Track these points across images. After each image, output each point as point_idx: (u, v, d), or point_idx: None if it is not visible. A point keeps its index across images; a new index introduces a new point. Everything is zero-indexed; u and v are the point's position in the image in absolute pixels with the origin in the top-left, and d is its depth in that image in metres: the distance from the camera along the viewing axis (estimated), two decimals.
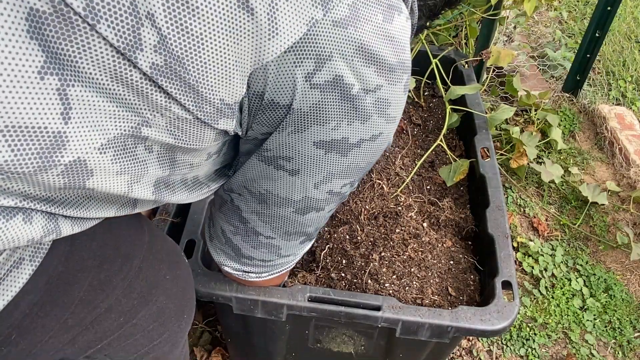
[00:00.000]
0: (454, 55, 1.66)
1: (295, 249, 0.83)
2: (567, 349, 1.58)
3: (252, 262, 0.84)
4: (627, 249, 1.78)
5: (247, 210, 0.74)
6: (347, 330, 1.10)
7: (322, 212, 0.75)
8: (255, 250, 0.81)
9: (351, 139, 0.64)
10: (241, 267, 0.86)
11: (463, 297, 1.15)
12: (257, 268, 0.86)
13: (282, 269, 0.89)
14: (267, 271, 0.88)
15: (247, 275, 0.88)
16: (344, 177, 0.70)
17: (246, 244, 0.80)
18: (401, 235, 1.19)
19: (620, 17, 2.73)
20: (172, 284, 0.74)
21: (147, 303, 0.69)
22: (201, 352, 1.47)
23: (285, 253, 0.82)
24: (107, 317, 0.64)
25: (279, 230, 0.76)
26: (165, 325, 0.73)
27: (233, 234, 0.79)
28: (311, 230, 0.79)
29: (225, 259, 0.86)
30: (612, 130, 2.14)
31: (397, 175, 1.37)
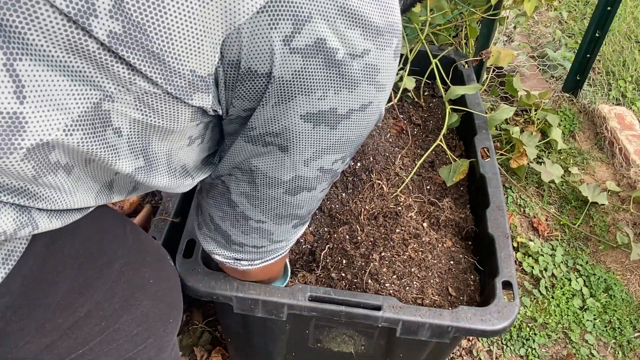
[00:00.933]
0: (454, 55, 1.66)
1: (287, 234, 0.79)
2: (567, 349, 1.58)
3: (243, 249, 0.79)
4: (627, 249, 1.78)
5: (236, 192, 0.70)
6: (348, 330, 1.10)
7: (313, 193, 0.71)
8: (245, 236, 0.76)
9: (340, 110, 0.60)
10: (232, 255, 0.81)
11: (463, 297, 1.15)
12: (248, 255, 0.81)
13: (275, 255, 0.85)
14: (260, 258, 0.83)
15: (239, 263, 0.83)
16: (335, 152, 0.65)
17: (236, 230, 0.75)
18: (401, 235, 1.19)
19: (620, 17, 2.73)
20: (157, 288, 0.71)
21: (129, 307, 0.66)
22: (201, 352, 1.47)
23: (278, 238, 0.78)
24: (88, 321, 0.61)
25: (269, 213, 0.71)
26: (150, 330, 0.70)
27: (222, 219, 0.75)
28: (303, 212, 0.75)
29: (215, 247, 0.81)
30: (612, 130, 2.14)
31: (397, 175, 1.37)
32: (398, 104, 1.58)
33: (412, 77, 1.58)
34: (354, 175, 1.32)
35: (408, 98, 1.62)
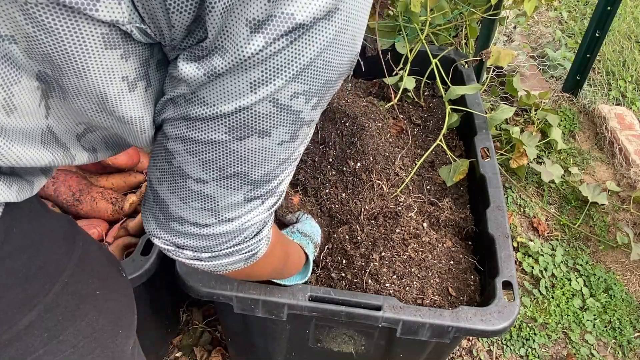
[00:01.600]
0: (454, 55, 1.66)
1: (238, 209, 0.60)
2: (567, 349, 1.58)
3: (183, 228, 0.62)
4: (627, 249, 1.78)
5: (172, 136, 0.55)
6: (348, 330, 1.10)
7: (267, 142, 0.54)
8: (185, 205, 0.60)
9: (298, 15, 0.46)
10: (172, 238, 0.64)
11: (463, 297, 1.15)
12: (191, 240, 0.63)
13: (229, 250, 0.65)
14: (207, 248, 0.64)
15: (182, 253, 0.65)
16: (293, 79, 0.50)
17: (174, 197, 0.60)
18: (401, 235, 1.19)
19: (620, 17, 2.73)
20: (104, 299, 0.68)
21: (74, 319, 0.63)
22: (201, 352, 1.47)
23: (226, 213, 0.60)
24: (30, 333, 0.59)
25: (210, 166, 0.55)
26: (97, 341, 0.67)
27: (159, 181, 0.60)
28: (256, 175, 0.57)
29: (154, 226, 0.64)
30: (612, 130, 2.14)
31: (397, 175, 1.37)
32: (398, 104, 1.58)
33: (412, 77, 1.58)
34: (354, 175, 1.32)
35: (408, 98, 1.62)
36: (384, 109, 1.53)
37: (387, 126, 1.47)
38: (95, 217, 1.24)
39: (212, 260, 0.67)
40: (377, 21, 1.55)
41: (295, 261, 0.99)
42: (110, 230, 1.23)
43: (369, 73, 1.66)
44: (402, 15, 1.62)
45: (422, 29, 1.58)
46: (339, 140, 1.36)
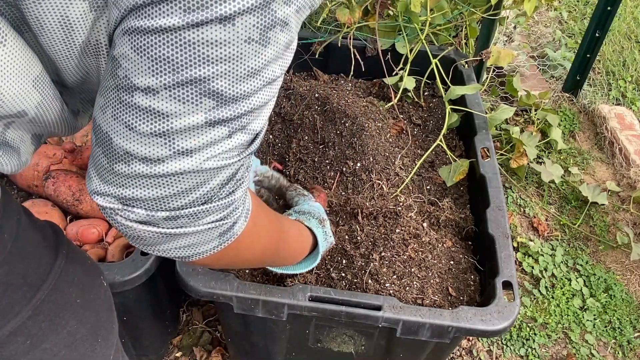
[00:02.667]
0: (454, 55, 1.66)
1: (198, 136, 0.48)
2: (567, 349, 1.58)
3: (130, 169, 0.49)
4: (627, 249, 1.78)
5: (120, 36, 0.47)
6: (348, 330, 1.10)
7: (230, 31, 0.44)
8: (130, 132, 0.48)
9: None
10: (117, 190, 0.51)
11: (463, 297, 1.15)
12: (142, 188, 0.50)
13: (192, 209, 0.53)
14: (163, 199, 0.51)
15: (131, 212, 0.52)
16: None
17: (118, 123, 0.48)
18: (401, 235, 1.19)
19: (620, 17, 2.73)
20: (84, 308, 0.67)
21: (56, 327, 0.63)
22: (201, 352, 1.47)
23: (182, 141, 0.48)
24: (13, 340, 0.59)
25: (161, 67, 0.45)
26: (77, 350, 0.66)
27: (103, 109, 0.50)
28: (219, 84, 0.47)
29: (97, 182, 0.52)
30: (612, 130, 2.14)
31: (397, 175, 1.37)
32: (398, 104, 1.58)
33: (412, 77, 1.58)
34: (353, 175, 1.32)
35: (408, 98, 1.62)
36: (384, 109, 1.53)
37: (387, 126, 1.47)
38: (95, 217, 1.24)
39: (173, 226, 0.53)
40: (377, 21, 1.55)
41: (298, 241, 0.86)
42: (110, 230, 1.23)
43: (369, 73, 1.66)
44: (402, 15, 1.62)
45: (422, 29, 1.58)
46: (339, 141, 1.36)
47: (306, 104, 1.44)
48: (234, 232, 0.59)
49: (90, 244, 1.21)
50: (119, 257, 1.17)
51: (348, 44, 1.61)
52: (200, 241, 0.57)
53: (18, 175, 1.33)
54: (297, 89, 1.48)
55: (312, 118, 1.42)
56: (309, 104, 1.44)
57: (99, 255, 1.18)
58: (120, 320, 1.17)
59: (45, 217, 1.21)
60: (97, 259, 1.16)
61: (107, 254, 1.18)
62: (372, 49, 1.63)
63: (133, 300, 1.14)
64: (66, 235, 1.22)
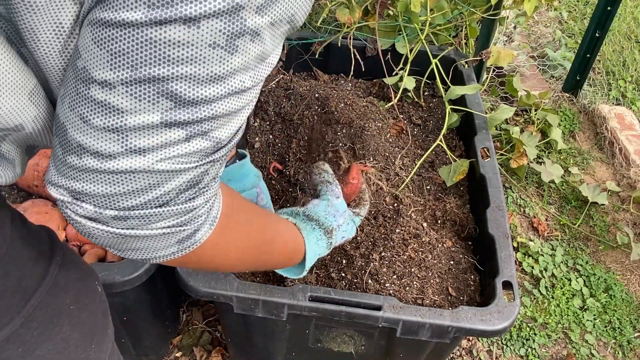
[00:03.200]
0: (454, 55, 1.66)
1: (153, 135, 0.47)
2: (567, 349, 1.58)
3: (82, 162, 0.48)
4: (627, 249, 1.78)
5: (84, 27, 0.46)
6: (348, 330, 1.10)
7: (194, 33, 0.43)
8: (84, 125, 0.47)
9: None
10: (68, 182, 0.50)
11: (463, 297, 1.15)
12: (91, 183, 0.49)
13: (144, 211, 0.51)
14: (112, 197, 0.50)
15: (80, 207, 0.50)
16: None
17: (73, 114, 0.47)
18: (401, 235, 1.19)
19: (620, 17, 2.73)
20: (78, 313, 0.66)
21: (49, 333, 0.62)
22: (201, 352, 1.47)
23: (135, 139, 0.47)
24: (5, 347, 0.58)
25: (119, 62, 0.44)
26: (70, 355, 0.66)
27: (62, 99, 0.49)
28: (179, 86, 0.45)
29: (52, 172, 0.51)
30: (612, 130, 2.14)
31: (397, 175, 1.37)
32: (398, 104, 1.58)
33: (412, 77, 1.58)
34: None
35: (408, 98, 1.62)
36: (384, 109, 1.53)
37: (387, 126, 1.47)
38: None
39: (122, 227, 0.51)
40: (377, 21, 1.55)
41: (284, 252, 0.81)
42: None
43: (369, 73, 1.66)
44: (402, 15, 1.62)
45: (422, 29, 1.58)
46: (339, 141, 1.36)
47: (306, 104, 1.45)
48: (195, 239, 0.57)
49: (90, 244, 1.21)
50: (119, 257, 1.17)
51: (348, 44, 1.61)
52: (157, 246, 0.55)
53: None
54: (297, 89, 1.48)
55: (312, 118, 1.42)
56: (309, 104, 1.44)
57: (99, 255, 1.18)
58: (120, 320, 1.18)
59: (45, 217, 1.21)
60: (97, 259, 1.16)
61: (107, 254, 1.18)
62: (372, 49, 1.63)
63: (133, 300, 1.14)
64: (67, 235, 1.22)
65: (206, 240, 0.58)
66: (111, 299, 1.09)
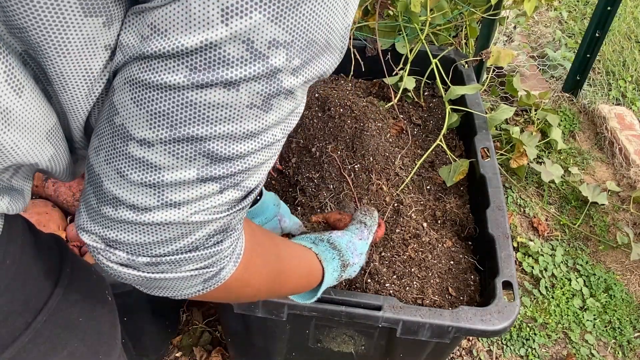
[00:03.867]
0: (454, 55, 1.66)
1: (188, 190, 0.48)
2: (567, 349, 1.58)
3: (117, 213, 0.49)
4: (627, 249, 1.78)
5: (121, 83, 0.46)
6: (348, 330, 1.10)
7: (233, 96, 0.44)
8: (121, 179, 0.48)
9: None
10: (102, 231, 0.51)
11: (463, 297, 1.15)
12: (126, 232, 0.50)
13: (174, 257, 0.52)
14: (145, 246, 0.51)
15: (113, 254, 0.51)
16: (273, 18, 0.42)
17: (109, 167, 0.48)
18: (401, 235, 1.19)
19: (620, 17, 2.73)
20: (86, 326, 0.66)
21: (55, 348, 0.62)
22: (201, 352, 1.47)
23: (171, 194, 0.48)
24: None
25: (159, 122, 0.44)
26: None
27: (97, 151, 0.49)
28: (216, 144, 0.46)
29: (84, 218, 0.52)
30: (612, 130, 2.14)
31: (397, 175, 1.37)
32: (398, 104, 1.58)
33: (412, 77, 1.58)
34: (354, 175, 1.32)
35: (408, 98, 1.62)
36: (384, 109, 1.53)
37: (387, 126, 1.47)
38: None
39: (154, 271, 0.53)
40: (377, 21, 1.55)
41: (300, 278, 0.82)
42: None
43: (369, 73, 1.66)
44: (402, 15, 1.62)
45: (422, 29, 1.58)
46: (339, 141, 1.36)
47: (306, 104, 1.45)
48: (220, 277, 0.58)
49: None
50: None
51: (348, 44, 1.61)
52: (183, 285, 0.56)
53: None
54: None
55: (312, 118, 1.42)
56: (309, 104, 1.44)
57: None
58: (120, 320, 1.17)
59: (46, 217, 1.21)
60: None
61: None
62: (372, 49, 1.63)
63: (133, 300, 1.14)
64: (67, 235, 1.22)
65: (231, 277, 0.59)
66: None
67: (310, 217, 1.17)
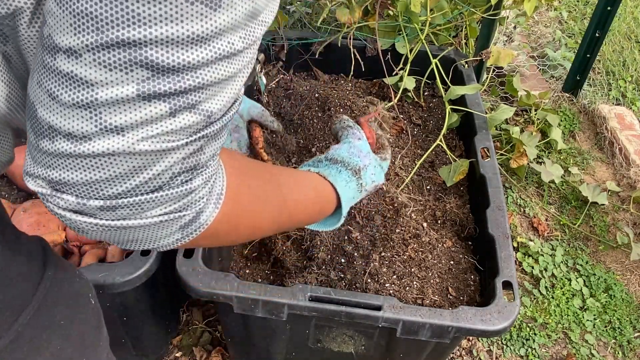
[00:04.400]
0: (454, 55, 1.66)
1: (130, 111, 0.41)
2: (567, 349, 1.58)
3: (55, 146, 0.42)
4: (627, 249, 1.78)
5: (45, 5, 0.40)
6: (348, 330, 1.10)
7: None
8: (53, 102, 0.41)
9: None
10: (45, 171, 0.44)
11: (463, 297, 1.15)
12: (69, 170, 0.43)
13: (132, 198, 0.45)
14: (93, 185, 0.44)
15: (61, 199, 0.44)
16: None
17: (41, 90, 0.42)
18: (401, 235, 1.19)
19: (620, 17, 2.73)
20: (69, 329, 0.64)
21: (38, 349, 0.60)
22: (201, 352, 1.47)
23: (109, 115, 0.40)
24: None
25: (84, 24, 0.38)
26: None
27: (32, 74, 0.43)
28: (155, 51, 0.39)
29: (29, 162, 0.46)
30: (612, 130, 2.14)
31: (397, 175, 1.37)
32: (398, 104, 1.58)
33: (412, 77, 1.58)
34: None
35: (408, 98, 1.62)
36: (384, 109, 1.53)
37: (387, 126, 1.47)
38: None
39: (112, 218, 0.45)
40: (377, 21, 1.55)
41: (311, 205, 0.74)
42: None
43: (369, 73, 1.66)
44: (402, 15, 1.62)
45: (422, 29, 1.58)
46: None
47: (306, 104, 1.45)
48: (200, 223, 0.51)
49: (90, 244, 1.21)
50: (119, 257, 1.17)
51: (348, 44, 1.61)
52: (157, 235, 0.49)
53: (18, 175, 1.33)
54: (297, 89, 1.48)
55: (312, 118, 1.42)
56: (309, 104, 1.44)
57: (99, 255, 1.18)
58: (120, 320, 1.18)
59: (45, 217, 1.21)
60: (97, 260, 1.16)
61: (107, 254, 1.18)
62: (372, 49, 1.63)
63: (133, 300, 1.14)
64: (67, 235, 1.22)
65: (215, 220, 0.52)
66: (111, 299, 1.09)
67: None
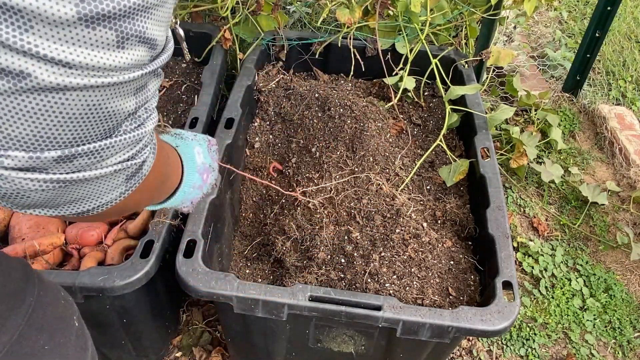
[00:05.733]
0: (454, 55, 1.66)
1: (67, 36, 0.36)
2: (567, 349, 1.58)
3: None
4: (627, 249, 1.78)
5: None
6: (348, 330, 1.10)
7: None
8: None
9: None
10: None
11: (463, 297, 1.15)
12: (15, 124, 0.37)
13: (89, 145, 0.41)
14: (35, 134, 0.38)
15: (6, 156, 0.38)
16: None
17: None
18: (401, 235, 1.19)
19: (620, 17, 2.73)
20: (52, 353, 0.63)
21: None
22: (201, 352, 1.47)
23: (49, 50, 0.36)
24: None
25: None
26: None
27: None
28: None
29: None
30: (612, 130, 2.14)
31: (397, 175, 1.37)
32: (398, 104, 1.58)
33: (412, 77, 1.58)
34: (354, 175, 1.32)
35: (408, 98, 1.62)
36: (384, 109, 1.53)
37: (387, 126, 1.47)
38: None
39: (69, 170, 0.41)
40: (377, 21, 1.55)
41: (173, 162, 0.68)
42: (110, 233, 1.23)
43: (369, 73, 1.66)
44: (402, 15, 1.62)
45: (422, 29, 1.58)
46: (339, 141, 1.36)
47: (306, 104, 1.44)
48: (142, 173, 0.47)
49: (90, 246, 1.21)
50: (118, 260, 1.17)
51: (348, 44, 1.61)
52: (104, 189, 0.44)
53: None
54: (297, 89, 1.48)
55: (312, 118, 1.42)
56: (309, 104, 1.44)
57: (98, 258, 1.17)
58: (120, 322, 1.18)
59: (45, 219, 1.21)
60: (97, 262, 1.16)
61: (106, 257, 1.18)
62: (372, 49, 1.63)
63: (133, 302, 1.14)
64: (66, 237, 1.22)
65: (150, 171, 0.49)
66: (111, 302, 1.09)
67: None
